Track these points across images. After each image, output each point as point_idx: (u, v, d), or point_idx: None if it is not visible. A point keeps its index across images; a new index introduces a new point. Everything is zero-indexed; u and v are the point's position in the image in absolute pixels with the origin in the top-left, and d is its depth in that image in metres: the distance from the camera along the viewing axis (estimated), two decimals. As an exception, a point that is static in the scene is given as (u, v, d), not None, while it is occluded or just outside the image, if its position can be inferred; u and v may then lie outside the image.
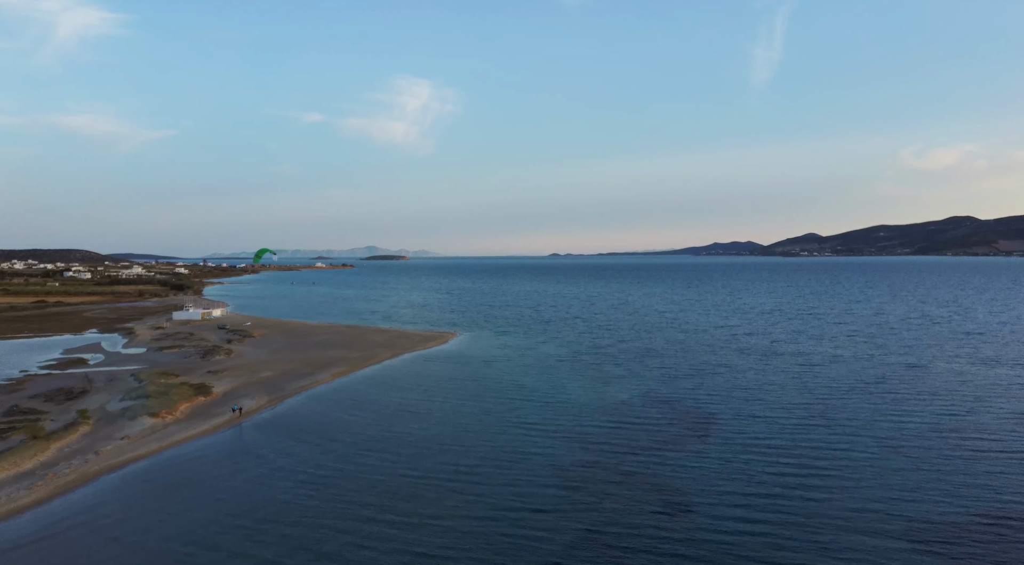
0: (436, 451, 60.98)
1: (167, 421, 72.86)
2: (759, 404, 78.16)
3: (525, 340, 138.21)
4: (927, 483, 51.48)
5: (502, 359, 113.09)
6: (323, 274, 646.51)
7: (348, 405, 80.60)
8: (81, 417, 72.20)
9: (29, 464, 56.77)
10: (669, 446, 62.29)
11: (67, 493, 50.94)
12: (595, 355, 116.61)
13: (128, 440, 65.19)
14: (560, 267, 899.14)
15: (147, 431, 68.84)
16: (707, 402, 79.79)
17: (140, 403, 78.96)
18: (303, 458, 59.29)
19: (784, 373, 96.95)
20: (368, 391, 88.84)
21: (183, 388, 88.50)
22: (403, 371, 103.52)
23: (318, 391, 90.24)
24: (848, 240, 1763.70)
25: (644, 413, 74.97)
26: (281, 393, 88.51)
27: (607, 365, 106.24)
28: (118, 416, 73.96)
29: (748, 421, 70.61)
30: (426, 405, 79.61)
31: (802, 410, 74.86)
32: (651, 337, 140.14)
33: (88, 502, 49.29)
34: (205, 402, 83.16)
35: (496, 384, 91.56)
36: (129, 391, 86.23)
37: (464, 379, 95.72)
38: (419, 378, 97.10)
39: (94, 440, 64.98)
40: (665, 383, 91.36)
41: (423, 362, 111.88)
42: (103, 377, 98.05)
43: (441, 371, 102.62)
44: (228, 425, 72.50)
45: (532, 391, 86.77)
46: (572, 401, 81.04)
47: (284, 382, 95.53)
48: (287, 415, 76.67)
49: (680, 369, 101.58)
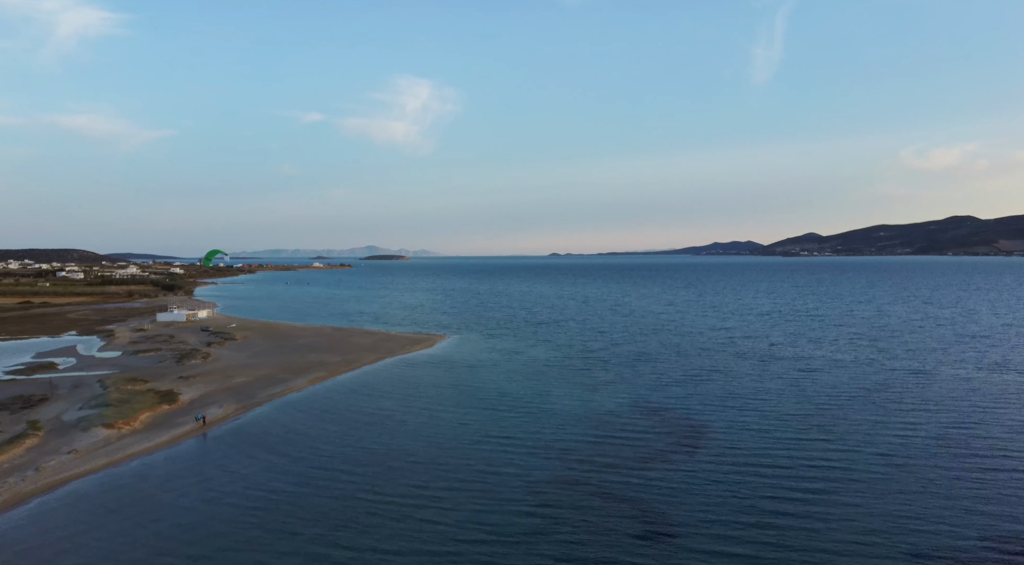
0: (403, 469, 56.42)
1: (123, 432, 68.35)
2: (753, 414, 73.61)
3: (515, 343, 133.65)
4: (935, 506, 46.91)
5: (488, 364, 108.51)
6: (319, 274, 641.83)
7: (319, 415, 76.07)
8: (31, 428, 67.68)
9: (-41, 483, 52.27)
10: (655, 462, 57.75)
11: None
12: (585, 359, 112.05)
13: (75, 454, 60.67)
14: (559, 267, 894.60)
15: (99, 444, 64.32)
16: (699, 412, 75.23)
17: (97, 412, 74.42)
18: (258, 477, 54.76)
19: (781, 379, 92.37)
20: (342, 399, 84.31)
21: (148, 395, 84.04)
22: (383, 377, 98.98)
23: (291, 399, 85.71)
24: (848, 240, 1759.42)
25: (631, 424, 70.41)
26: (251, 401, 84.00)
27: (596, 370, 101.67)
28: (71, 427, 69.44)
29: (741, 433, 66.04)
30: (400, 415, 75.06)
31: (799, 421, 70.30)
32: (645, 340, 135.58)
33: (9, 528, 44.75)
34: (169, 411, 78.69)
35: (478, 391, 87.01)
36: (90, 399, 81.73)
37: (445, 386, 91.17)
38: (398, 385, 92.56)
39: (39, 454, 60.45)
40: (656, 390, 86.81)
41: (406, 367, 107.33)
42: (68, 383, 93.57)
43: (423, 377, 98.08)
44: (188, 436, 68.04)
45: (515, 399, 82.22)
46: (555, 410, 76.48)
47: (257, 389, 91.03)
48: (252, 426, 72.14)
49: (672, 375, 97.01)
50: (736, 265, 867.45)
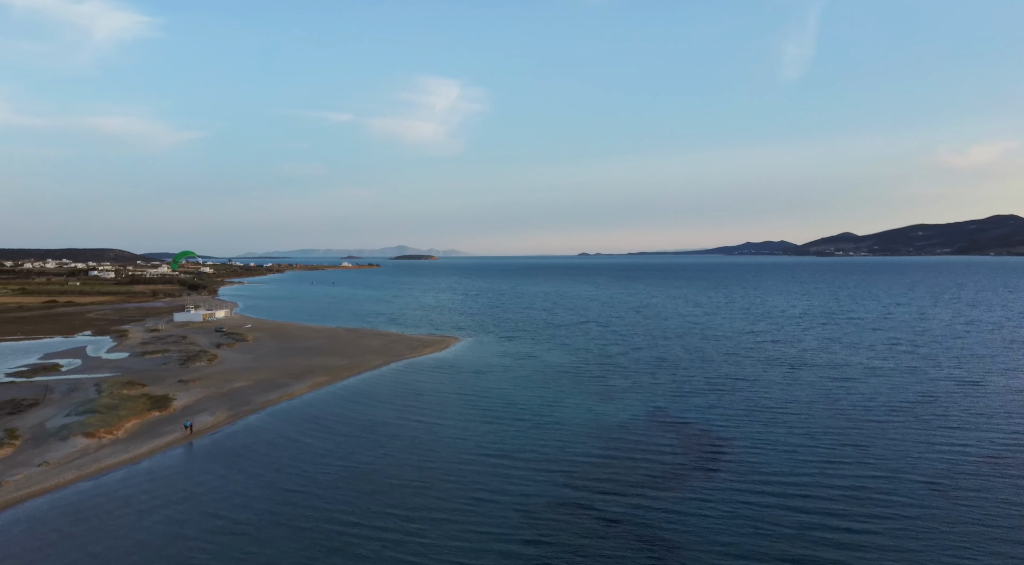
0: (387, 491, 51.30)
1: (103, 442, 64.51)
2: (781, 429, 67.10)
3: (530, 346, 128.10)
4: (988, 541, 40.32)
5: (498, 369, 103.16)
6: (346, 274, 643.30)
7: (311, 424, 71.50)
8: (7, 437, 64.22)
9: (-89, 499, 48.60)
10: (668, 484, 51.86)
11: (-72, 541, 42.44)
12: (602, 365, 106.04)
13: (45, 466, 56.83)
14: (587, 267, 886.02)
15: (74, 454, 60.46)
16: (721, 425, 68.95)
17: (82, 419, 70.81)
18: (229, 498, 50.13)
19: (813, 389, 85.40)
20: (338, 407, 79.71)
21: (140, 400, 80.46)
22: (386, 382, 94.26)
23: (286, 405, 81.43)
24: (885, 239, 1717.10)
25: (644, 439, 64.46)
26: (244, 408, 79.85)
27: (613, 377, 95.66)
28: (50, 436, 65.85)
29: (766, 452, 59.69)
30: (396, 426, 70.07)
31: (832, 438, 63.63)
32: (668, 345, 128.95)
33: (-51, 554, 40.73)
34: (158, 417, 74.92)
35: (482, 400, 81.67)
36: (79, 404, 78.35)
37: (450, 393, 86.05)
38: (401, 391, 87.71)
39: (7, 467, 56.71)
40: (675, 400, 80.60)
41: (412, 372, 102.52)
42: (65, 387, 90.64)
43: (428, 383, 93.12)
44: (171, 446, 63.96)
45: (521, 409, 76.71)
46: (564, 422, 70.84)
47: (254, 394, 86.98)
48: (239, 436, 67.81)
49: (695, 383, 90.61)
50: (769, 265, 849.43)
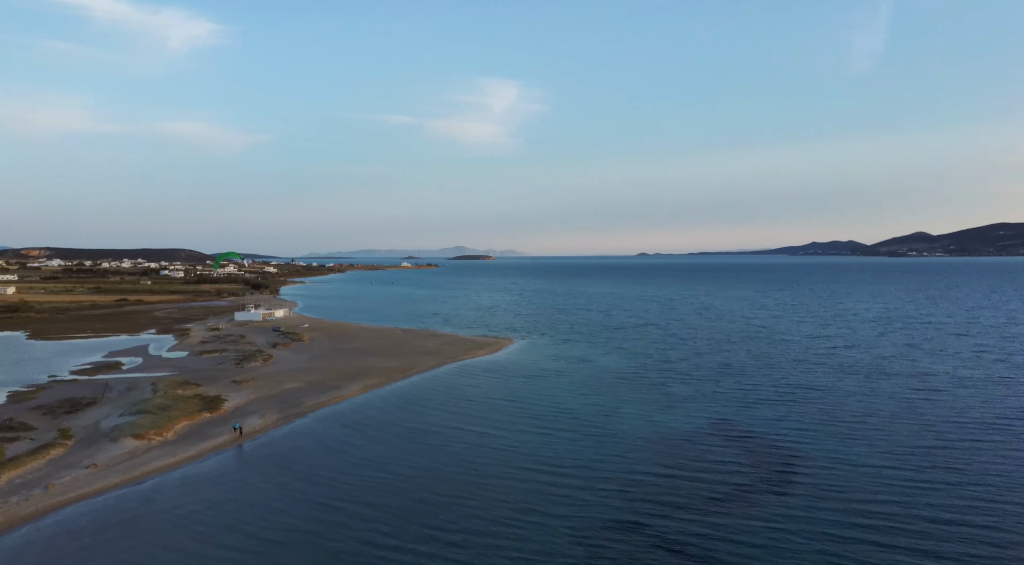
0: (431, 505, 48.43)
1: (152, 443, 64.00)
2: (861, 445, 61.30)
3: (586, 350, 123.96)
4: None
5: (553, 374, 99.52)
6: (405, 274, 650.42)
7: (358, 430, 69.49)
8: (61, 437, 64.42)
9: (-41, 500, 48.45)
10: (733, 505, 47.33)
11: (-33, 547, 41.79)
12: (663, 371, 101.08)
13: (93, 469, 56.37)
14: (646, 267, 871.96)
15: (122, 457, 60.00)
16: (793, 440, 63.59)
17: (134, 419, 70.77)
18: (268, 511, 48.15)
19: (895, 401, 78.65)
20: (387, 411, 77.62)
21: (192, 401, 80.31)
22: (437, 386, 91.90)
23: (336, 408, 79.92)
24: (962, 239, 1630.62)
25: (708, 453, 59.82)
26: (294, 410, 78.73)
27: (674, 384, 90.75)
28: (102, 436, 65.80)
29: (845, 471, 54.28)
30: (445, 435, 67.32)
31: (920, 457, 57.57)
32: (732, 349, 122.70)
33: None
34: (209, 419, 74.39)
35: (534, 407, 78.20)
36: (133, 404, 78.67)
37: (501, 399, 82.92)
38: (451, 395, 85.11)
39: (56, 468, 56.51)
40: (741, 411, 75.36)
41: (464, 375, 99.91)
42: (123, 385, 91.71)
43: (480, 387, 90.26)
44: (217, 450, 62.91)
45: (575, 418, 72.92)
46: (621, 433, 66.71)
47: (304, 396, 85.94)
48: (286, 440, 66.34)
49: (762, 392, 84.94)
50: (837, 266, 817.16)
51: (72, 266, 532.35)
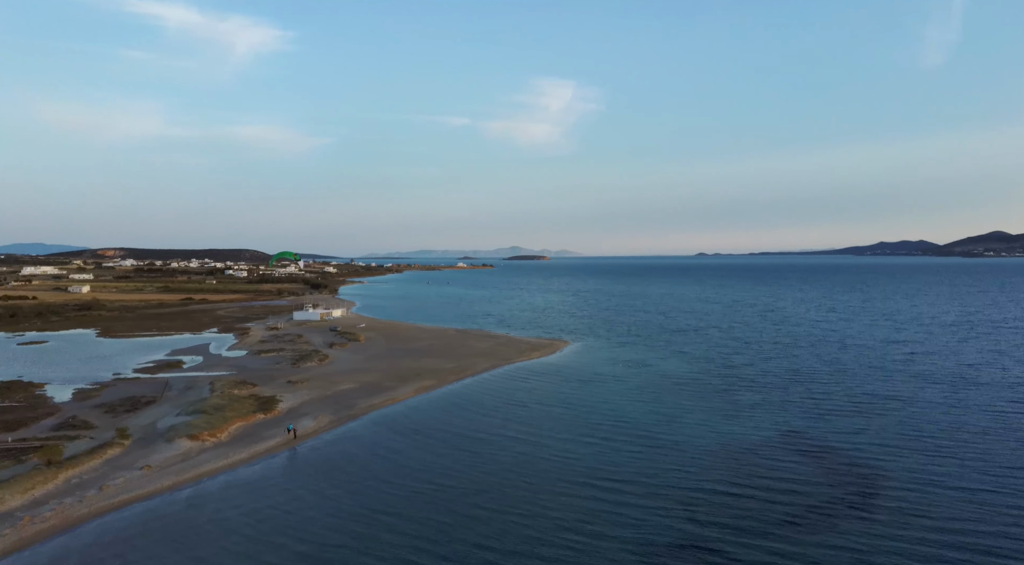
0: (488, 518, 46.04)
1: (205, 445, 63.75)
2: (951, 463, 56.01)
3: (644, 353, 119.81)
4: None
5: (610, 378, 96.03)
6: (460, 274, 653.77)
7: (411, 434, 67.80)
8: (119, 436, 64.82)
9: (17, 501, 48.54)
10: (812, 527, 43.32)
11: (18, 550, 41.52)
12: (726, 377, 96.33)
13: (147, 470, 56.20)
14: (705, 268, 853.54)
15: (176, 458, 59.79)
16: (872, 454, 58.70)
17: (190, 419, 70.92)
18: (317, 517, 46.73)
19: (987, 414, 72.31)
20: (440, 415, 75.77)
21: (247, 402, 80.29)
22: (491, 388, 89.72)
23: (389, 411, 78.63)
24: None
25: (779, 467, 55.63)
26: (347, 412, 77.80)
27: (739, 391, 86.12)
28: (158, 436, 65.97)
29: (935, 492, 49.38)
30: (499, 441, 64.91)
31: (1021, 479, 52.04)
32: (800, 355, 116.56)
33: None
34: (263, 420, 74.05)
35: (592, 413, 75.07)
36: (190, 404, 79.13)
37: (556, 404, 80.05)
38: (505, 399, 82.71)
39: (112, 468, 56.57)
40: (813, 421, 70.49)
41: (518, 377, 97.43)
42: (182, 384, 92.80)
43: (533, 391, 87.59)
44: (268, 453, 62.17)
45: (635, 426, 69.44)
46: (684, 443, 62.98)
47: (358, 397, 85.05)
48: (337, 444, 65.18)
49: (835, 401, 79.60)
50: (907, 266, 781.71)
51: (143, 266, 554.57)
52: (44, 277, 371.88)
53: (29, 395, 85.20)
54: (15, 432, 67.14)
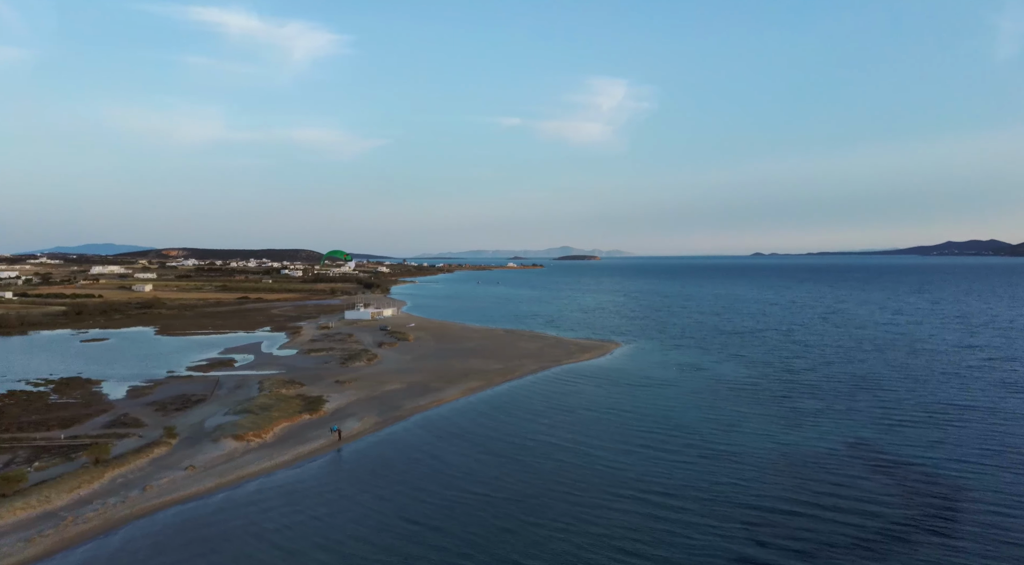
0: (532, 532, 43.69)
1: (249, 446, 63.29)
2: (1043, 483, 51.00)
3: (698, 356, 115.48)
4: None
5: (662, 382, 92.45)
6: (510, 274, 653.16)
7: (455, 438, 66.02)
8: (166, 435, 64.93)
9: (63, 499, 48.61)
10: (888, 550, 39.55)
11: (59, 552, 41.21)
12: (786, 382, 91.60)
13: (191, 471, 55.88)
14: (762, 268, 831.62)
15: (219, 459, 59.41)
16: (952, 470, 54.03)
17: (237, 419, 70.77)
18: (354, 525, 45.25)
19: (1078, 427, 66.22)
20: (488, 418, 73.81)
21: (294, 402, 79.98)
22: (539, 391, 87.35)
23: (434, 412, 77.17)
24: None
25: (849, 482, 51.61)
26: (393, 414, 76.66)
27: (801, 398, 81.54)
28: (204, 436, 65.90)
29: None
30: (545, 447, 62.46)
31: None
32: (866, 359, 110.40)
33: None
34: (309, 420, 73.50)
35: (643, 419, 71.88)
36: (238, 403, 79.25)
37: (606, 409, 77.13)
38: (551, 404, 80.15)
39: (157, 468, 56.48)
40: (884, 432, 65.74)
41: (567, 380, 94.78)
42: (232, 383, 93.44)
43: (582, 395, 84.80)
44: (312, 455, 61.32)
45: (688, 435, 65.98)
46: (742, 453, 59.35)
47: (405, 398, 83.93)
48: (382, 447, 63.88)
49: (907, 410, 74.38)
50: (978, 267, 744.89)
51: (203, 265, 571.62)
52: (111, 276, 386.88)
53: (86, 392, 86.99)
54: (69, 429, 68.19)
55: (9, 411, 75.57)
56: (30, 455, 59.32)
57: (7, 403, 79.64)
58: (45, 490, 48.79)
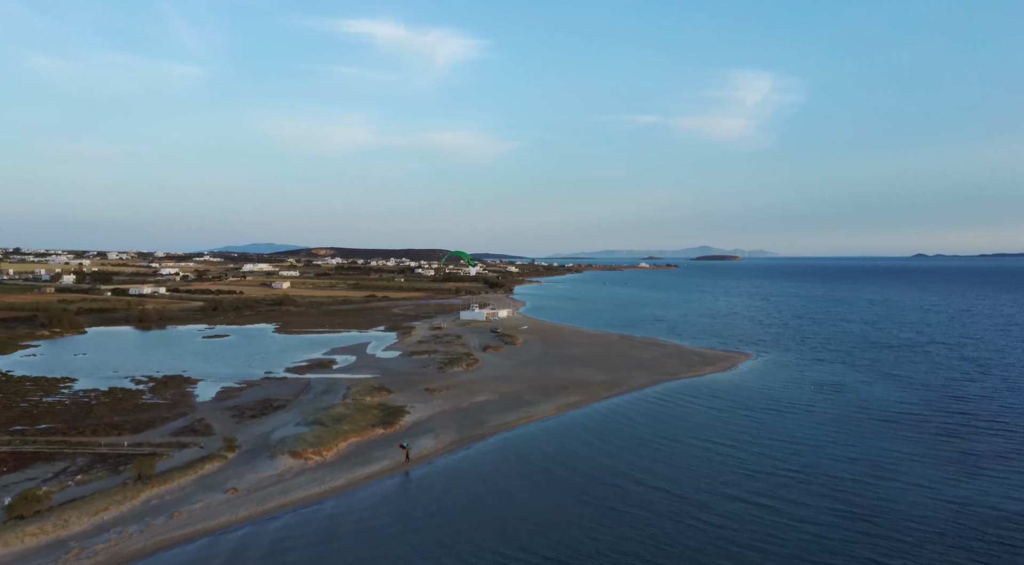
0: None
1: (306, 465, 57.50)
2: None
3: (843, 374, 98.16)
4: None
5: (796, 407, 77.66)
6: (640, 275, 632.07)
7: (535, 469, 56.60)
8: (225, 448, 60.70)
9: (81, 525, 44.15)
10: None
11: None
12: (956, 413, 73.89)
13: (231, 494, 50.58)
14: (925, 270, 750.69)
15: (268, 480, 53.91)
16: None
17: (303, 432, 65.60)
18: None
19: None
20: (575, 443, 63.75)
21: (371, 412, 74.19)
22: (645, 411, 75.96)
23: (519, 432, 68.42)
24: None
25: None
26: (474, 431, 68.83)
27: (977, 435, 64.43)
28: (264, 450, 60.99)
29: None
30: (633, 489, 51.47)
31: None
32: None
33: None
34: (381, 435, 67.22)
35: (765, 458, 58.61)
36: (314, 412, 74.45)
37: (720, 442, 64.30)
38: (656, 430, 68.49)
39: (199, 488, 51.69)
40: (1104, 495, 48.62)
41: (679, 399, 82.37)
42: (321, 387, 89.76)
43: (695, 420, 72.38)
44: (371, 479, 54.54)
45: (820, 481, 52.27)
46: (894, 510, 45.29)
47: (492, 412, 75.99)
48: (452, 473, 55.91)
49: None
50: None
51: (345, 264, 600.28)
52: (258, 273, 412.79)
53: (179, 392, 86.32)
54: (140, 434, 65.96)
55: (97, 410, 75.43)
56: (86, 463, 56.86)
57: (101, 401, 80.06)
58: (67, 512, 44.86)
